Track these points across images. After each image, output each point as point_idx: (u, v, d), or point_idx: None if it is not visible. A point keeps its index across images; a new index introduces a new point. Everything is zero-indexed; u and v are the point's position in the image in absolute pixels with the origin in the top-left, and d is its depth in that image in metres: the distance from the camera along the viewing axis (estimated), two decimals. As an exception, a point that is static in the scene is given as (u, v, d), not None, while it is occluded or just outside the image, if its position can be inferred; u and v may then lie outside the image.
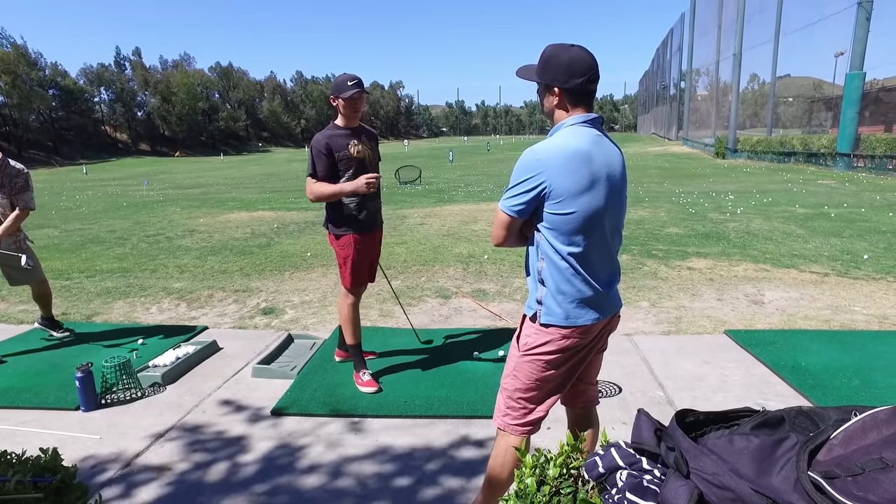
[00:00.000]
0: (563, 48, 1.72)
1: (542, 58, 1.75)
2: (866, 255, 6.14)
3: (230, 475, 2.48)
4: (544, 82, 1.74)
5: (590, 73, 1.68)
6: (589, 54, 1.70)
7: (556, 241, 1.70)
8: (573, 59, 1.68)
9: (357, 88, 3.04)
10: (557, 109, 1.74)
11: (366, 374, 3.33)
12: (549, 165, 1.63)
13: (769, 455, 1.00)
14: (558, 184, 1.63)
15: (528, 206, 1.69)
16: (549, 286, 1.74)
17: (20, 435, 2.85)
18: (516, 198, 1.69)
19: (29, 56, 55.89)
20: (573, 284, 1.72)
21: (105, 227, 10.03)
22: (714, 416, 1.12)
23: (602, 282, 1.78)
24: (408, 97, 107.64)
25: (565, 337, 1.75)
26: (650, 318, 4.44)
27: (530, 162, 1.66)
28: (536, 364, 1.79)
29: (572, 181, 1.63)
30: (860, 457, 0.91)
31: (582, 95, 1.71)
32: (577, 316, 1.74)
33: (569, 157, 1.63)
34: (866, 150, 16.76)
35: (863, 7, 16.25)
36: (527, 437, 1.87)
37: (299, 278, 5.92)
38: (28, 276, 4.07)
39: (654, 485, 1.02)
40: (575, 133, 1.69)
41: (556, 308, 1.73)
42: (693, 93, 36.49)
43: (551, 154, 1.65)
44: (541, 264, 1.75)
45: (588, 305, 1.75)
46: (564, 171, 1.63)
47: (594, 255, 1.74)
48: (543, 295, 1.75)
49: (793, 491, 0.94)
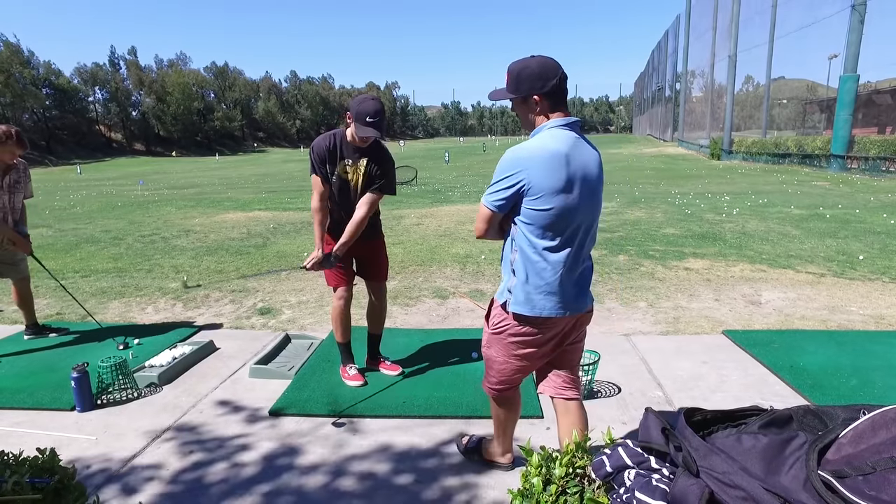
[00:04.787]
0: (527, 60, 1.84)
1: (512, 75, 1.85)
2: (862, 256, 6.17)
3: (228, 476, 2.46)
4: (522, 95, 1.83)
5: (559, 73, 1.81)
6: (551, 58, 1.83)
7: (530, 235, 1.81)
8: (541, 64, 1.81)
9: (373, 130, 2.88)
10: (539, 116, 1.84)
11: (352, 369, 3.37)
12: (530, 165, 1.75)
13: (778, 454, 1.00)
14: (537, 182, 1.74)
15: (508, 202, 1.81)
16: (519, 276, 1.86)
17: (15, 436, 2.82)
18: (498, 193, 1.81)
19: (22, 54, 55.51)
20: (542, 277, 1.83)
21: (100, 226, 9.96)
22: (721, 415, 1.11)
23: (571, 278, 1.87)
24: (403, 98, 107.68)
25: (530, 325, 1.88)
26: (648, 319, 4.45)
27: (512, 160, 1.78)
28: (503, 343, 1.97)
29: (550, 180, 1.74)
30: (871, 456, 0.90)
31: (559, 96, 1.82)
32: (543, 308, 1.85)
33: (548, 158, 1.75)
34: (860, 152, 16.88)
35: (856, 10, 16.36)
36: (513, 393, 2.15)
37: (296, 278, 5.89)
38: (15, 272, 4.09)
39: (663, 484, 1.01)
40: (555, 135, 1.79)
41: (523, 298, 1.85)
42: (688, 94, 36.68)
43: (532, 154, 1.76)
44: (514, 255, 1.87)
45: (555, 298, 1.85)
46: (543, 170, 1.74)
47: (565, 252, 1.83)
48: (514, 284, 1.88)
49: (802, 490, 0.93)
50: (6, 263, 4.06)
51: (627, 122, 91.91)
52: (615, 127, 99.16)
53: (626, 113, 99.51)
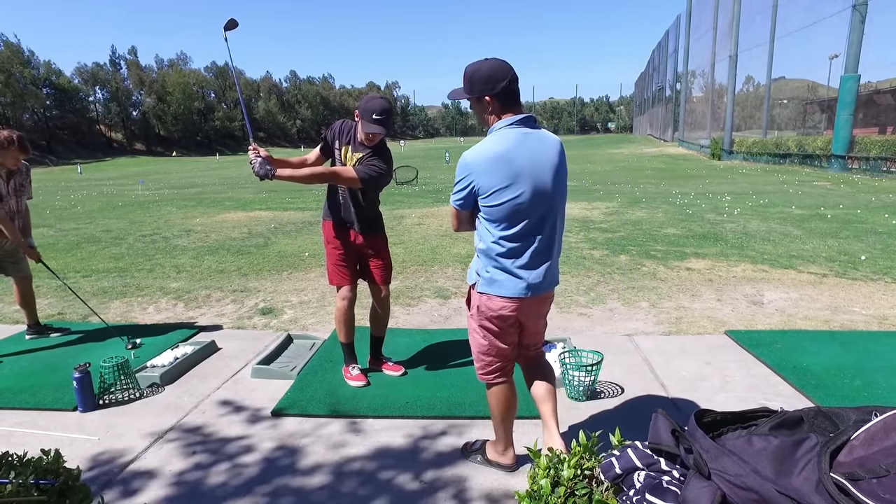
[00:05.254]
0: (479, 63, 2.01)
1: (466, 77, 2.03)
2: (864, 256, 6.16)
3: (231, 476, 2.45)
4: (475, 96, 2.01)
5: (510, 76, 1.97)
6: (503, 61, 2.00)
7: (489, 226, 2.04)
8: (492, 68, 1.97)
9: (380, 128, 2.94)
10: (491, 116, 2.02)
11: (354, 369, 3.36)
12: (475, 168, 1.97)
13: (789, 456, 0.99)
14: (482, 182, 1.97)
15: (467, 201, 2.06)
16: (483, 262, 2.10)
17: (17, 436, 2.81)
18: (457, 194, 2.07)
19: (22, 54, 55.48)
20: (500, 262, 2.05)
21: (100, 226, 9.96)
22: (731, 417, 1.11)
23: (528, 262, 2.07)
24: (404, 97, 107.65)
25: (493, 301, 2.10)
26: (650, 319, 4.44)
27: (462, 165, 2.01)
28: (479, 322, 2.18)
29: (494, 179, 1.95)
30: (884, 458, 0.89)
31: (509, 96, 1.99)
32: (506, 289, 2.07)
33: (490, 160, 1.95)
34: (861, 152, 16.86)
35: (857, 10, 16.35)
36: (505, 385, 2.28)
37: (297, 278, 5.88)
38: (16, 270, 4.10)
39: (673, 486, 1.00)
40: (502, 136, 1.98)
41: (488, 279, 2.09)
42: (689, 94, 36.64)
43: (476, 158, 1.97)
44: (480, 244, 2.10)
45: (515, 280, 2.06)
46: (486, 172, 1.95)
47: (521, 239, 2.03)
48: (480, 268, 2.12)
49: (814, 492, 0.93)
50: (8, 261, 4.08)
51: (627, 121, 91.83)
52: (615, 127, 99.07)
53: (626, 113, 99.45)
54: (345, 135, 3.14)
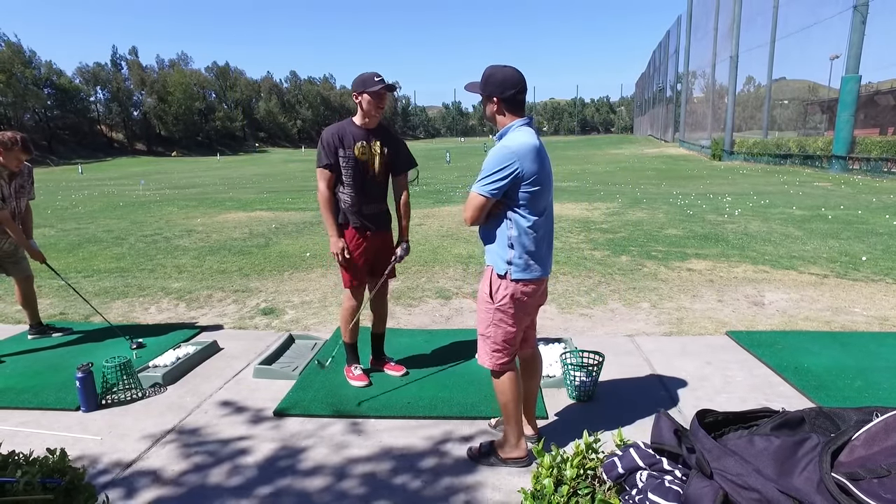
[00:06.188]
0: (498, 68, 2.25)
1: (484, 76, 2.28)
2: (865, 257, 6.17)
3: (233, 477, 2.46)
4: (486, 94, 2.26)
5: (519, 86, 2.23)
6: (518, 72, 2.24)
7: (524, 212, 2.21)
8: (506, 75, 2.22)
9: (384, 85, 2.96)
10: (497, 115, 2.28)
11: (357, 369, 3.37)
12: (521, 156, 2.14)
13: (790, 456, 0.99)
14: (528, 169, 2.15)
15: (502, 190, 2.18)
16: (517, 249, 2.24)
17: (21, 436, 2.82)
18: (494, 183, 2.16)
19: (23, 54, 55.49)
20: (533, 248, 2.25)
21: (102, 226, 9.97)
22: (733, 417, 1.11)
23: (549, 245, 2.35)
24: (404, 98, 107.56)
25: (528, 285, 2.29)
26: (651, 319, 4.44)
27: (504, 155, 2.15)
28: (510, 311, 2.30)
29: (535, 167, 2.17)
30: (885, 458, 0.90)
31: (515, 103, 2.25)
32: (536, 270, 2.29)
33: (532, 149, 2.16)
34: (861, 153, 16.86)
35: (858, 11, 16.35)
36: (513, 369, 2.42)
37: (299, 278, 5.89)
38: (18, 270, 4.11)
39: (675, 485, 1.01)
40: (527, 132, 2.22)
41: (523, 265, 2.26)
42: (689, 95, 36.61)
43: (522, 147, 2.15)
44: (511, 232, 2.24)
45: (541, 263, 2.31)
46: (531, 159, 2.16)
47: (543, 225, 2.28)
48: (513, 256, 2.25)
49: (816, 492, 0.93)
50: (8, 261, 4.09)
51: (628, 122, 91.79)
52: (616, 127, 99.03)
53: (626, 113, 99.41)
54: (345, 137, 3.06)
